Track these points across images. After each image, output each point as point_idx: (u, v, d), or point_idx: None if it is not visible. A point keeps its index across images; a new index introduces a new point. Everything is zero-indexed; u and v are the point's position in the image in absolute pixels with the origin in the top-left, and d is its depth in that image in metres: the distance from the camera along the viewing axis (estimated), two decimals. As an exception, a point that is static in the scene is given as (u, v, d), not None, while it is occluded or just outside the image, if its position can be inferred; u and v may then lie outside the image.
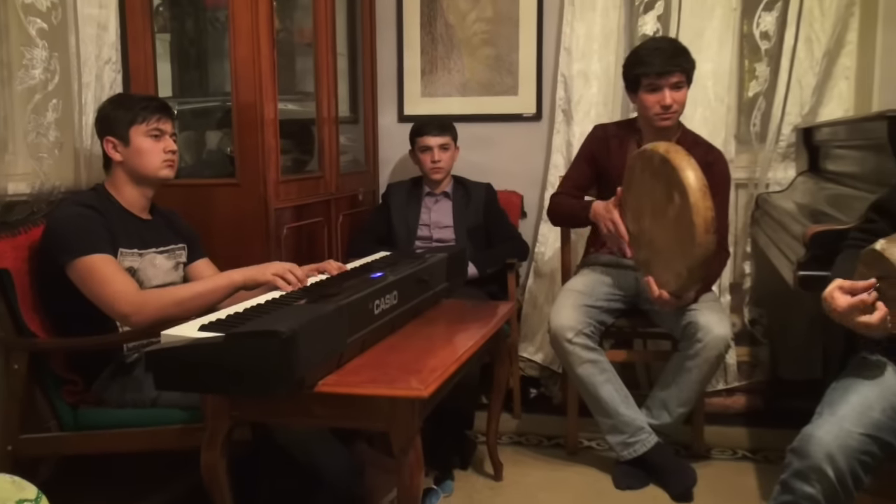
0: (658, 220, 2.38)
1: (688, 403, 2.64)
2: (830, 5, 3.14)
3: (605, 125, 2.95)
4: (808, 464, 1.50)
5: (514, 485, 2.60)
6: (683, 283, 2.34)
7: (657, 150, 2.33)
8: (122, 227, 2.18)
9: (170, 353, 1.68)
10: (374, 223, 3.30)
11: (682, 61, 2.64)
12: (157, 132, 2.21)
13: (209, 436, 1.85)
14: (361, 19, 3.49)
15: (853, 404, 1.56)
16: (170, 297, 2.09)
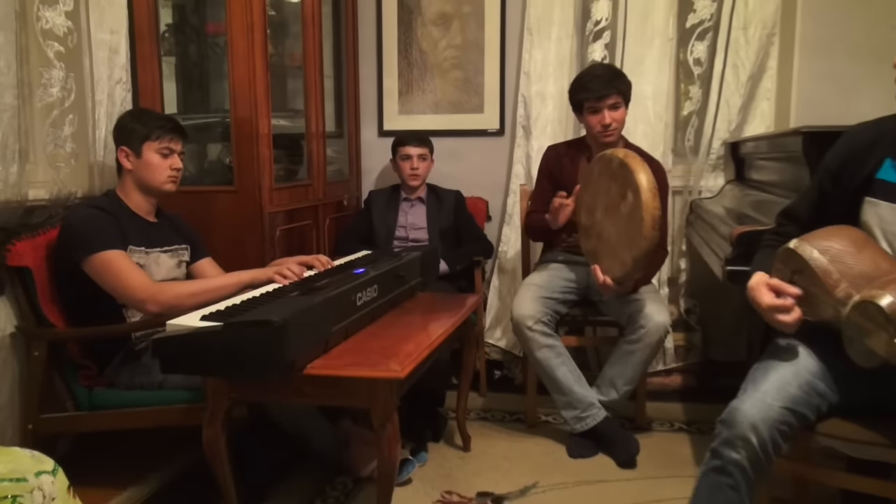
0: (610, 216, 2.39)
1: (632, 382, 2.65)
2: (753, 35, 3.16)
3: (557, 145, 2.95)
4: (735, 433, 1.50)
5: (481, 455, 2.59)
6: (627, 271, 2.34)
7: (616, 155, 2.35)
8: (131, 228, 2.17)
9: (174, 341, 1.66)
10: (357, 225, 3.28)
11: (618, 84, 2.65)
12: (168, 150, 2.21)
13: (210, 414, 1.83)
14: (346, 45, 3.47)
15: (773, 381, 1.56)
16: (185, 289, 2.10)
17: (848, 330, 1.45)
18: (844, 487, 1.96)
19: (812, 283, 1.52)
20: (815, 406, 1.58)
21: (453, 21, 3.50)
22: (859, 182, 1.58)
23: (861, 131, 1.64)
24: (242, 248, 2.61)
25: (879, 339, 1.37)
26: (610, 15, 3.30)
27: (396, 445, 1.79)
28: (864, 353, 1.43)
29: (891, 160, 1.55)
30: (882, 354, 1.38)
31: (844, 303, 1.45)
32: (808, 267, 1.52)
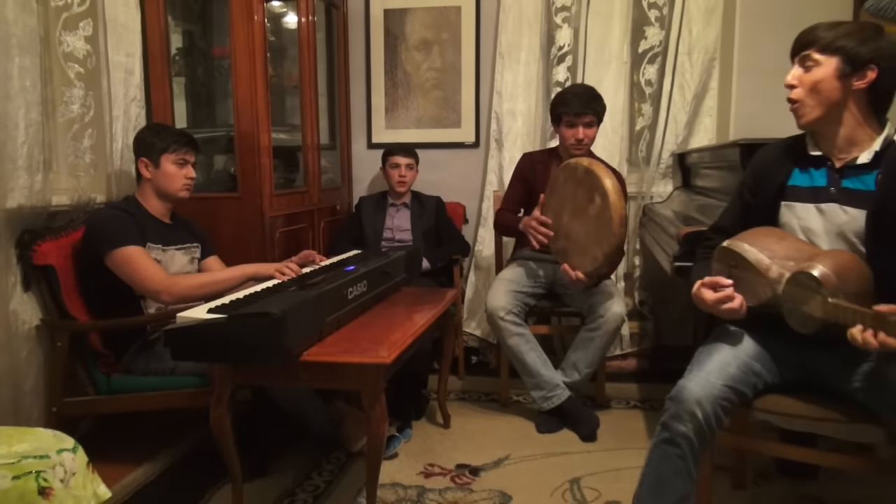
0: (577, 218, 2.40)
1: (592, 365, 2.65)
2: (697, 60, 3.18)
3: (532, 153, 2.96)
4: (682, 408, 1.51)
5: (460, 430, 2.59)
6: (598, 266, 2.36)
7: (581, 164, 2.38)
8: (149, 228, 2.17)
9: (184, 331, 1.65)
10: (349, 228, 3.26)
11: (595, 105, 2.66)
12: (183, 161, 2.22)
13: (216, 397, 1.82)
14: (338, 67, 3.45)
15: (716, 362, 1.58)
16: (195, 281, 2.11)
17: (787, 303, 1.47)
18: (778, 456, 1.99)
19: (748, 272, 1.55)
20: (752, 384, 1.60)
21: (433, 46, 3.49)
22: (775, 190, 1.65)
23: (770, 150, 1.73)
24: (246, 248, 2.59)
25: (815, 303, 1.40)
26: (572, 41, 3.31)
27: (384, 423, 1.78)
28: (803, 321, 1.45)
29: (798, 170, 1.64)
30: (819, 316, 1.40)
31: (779, 281, 1.49)
32: (743, 258, 1.56)
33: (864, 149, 1.55)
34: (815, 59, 1.54)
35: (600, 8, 3.23)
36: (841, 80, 1.52)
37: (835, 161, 1.59)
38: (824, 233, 1.57)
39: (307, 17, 2.98)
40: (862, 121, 1.55)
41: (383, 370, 1.74)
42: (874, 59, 1.50)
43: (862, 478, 2.02)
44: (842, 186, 1.57)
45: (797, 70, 1.58)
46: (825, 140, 1.60)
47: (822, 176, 1.60)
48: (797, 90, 1.57)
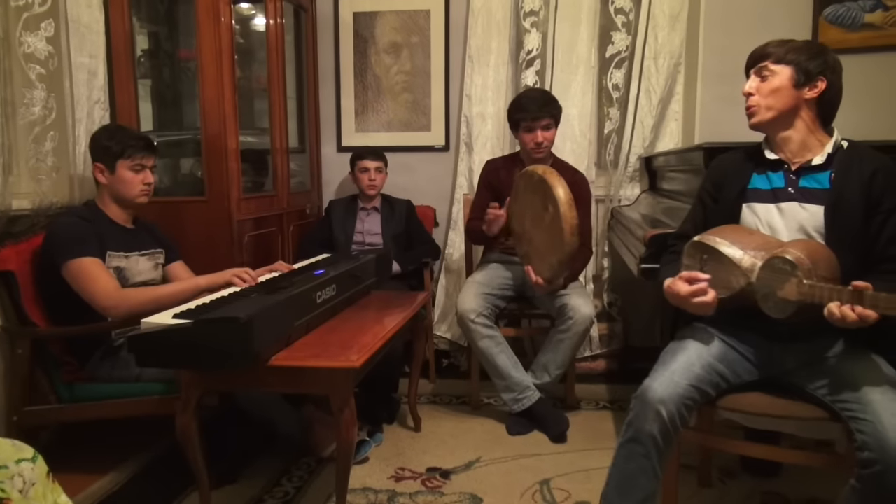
0: (536, 224, 2.42)
1: (562, 367, 2.67)
2: (663, 65, 3.23)
3: (495, 159, 2.97)
4: (647, 407, 1.54)
5: (431, 434, 2.59)
6: (555, 272, 2.39)
7: (536, 172, 2.38)
8: (110, 235, 2.11)
9: (149, 337, 1.63)
10: (319, 232, 3.24)
11: (551, 108, 2.69)
12: (140, 167, 2.14)
13: (183, 403, 1.79)
14: (307, 70, 3.43)
15: (680, 362, 1.61)
16: (146, 296, 2.03)
17: (762, 289, 1.52)
18: (743, 454, 2.03)
19: (720, 264, 1.60)
20: (716, 384, 1.63)
21: (403, 50, 3.49)
22: (736, 193, 1.72)
23: (728, 157, 1.83)
24: (213, 253, 2.56)
25: (790, 286, 1.44)
26: (540, 46, 3.34)
27: (353, 428, 1.78)
28: (779, 305, 1.49)
29: (756, 174, 1.72)
30: (794, 299, 1.44)
31: (752, 270, 1.53)
32: (715, 250, 1.61)
33: (817, 153, 1.65)
34: (771, 69, 1.66)
35: (568, 13, 3.26)
36: (795, 88, 1.64)
37: (791, 164, 1.68)
38: (786, 229, 1.63)
39: (275, 20, 2.96)
40: (813, 127, 1.66)
41: (353, 374, 1.73)
42: (823, 72, 1.63)
43: (823, 474, 2.06)
44: (799, 186, 1.65)
45: (754, 81, 1.70)
46: (781, 146, 1.70)
47: (779, 178, 1.69)
48: (755, 97, 1.68)
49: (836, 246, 1.53)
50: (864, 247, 1.57)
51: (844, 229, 1.56)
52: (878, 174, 1.58)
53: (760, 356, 1.68)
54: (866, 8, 3.04)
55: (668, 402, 1.53)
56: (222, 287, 2.06)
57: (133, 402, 2.03)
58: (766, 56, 1.67)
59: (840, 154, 1.64)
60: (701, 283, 1.58)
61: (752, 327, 1.67)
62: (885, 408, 1.40)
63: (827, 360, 1.61)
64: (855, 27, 3.06)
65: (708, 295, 1.58)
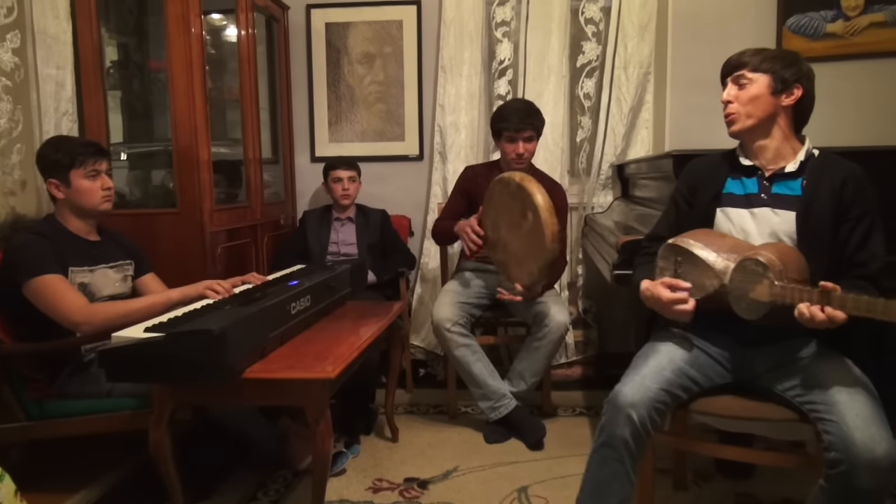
0: (513, 231, 2.43)
1: (539, 374, 2.69)
2: (633, 74, 3.28)
3: (474, 166, 2.98)
4: (618, 412, 1.56)
5: (409, 444, 2.58)
6: (534, 279, 2.39)
7: (513, 179, 2.38)
8: (72, 249, 2.05)
9: (120, 351, 1.60)
10: (293, 242, 3.23)
11: (534, 120, 2.70)
12: (95, 172, 2.06)
13: (155, 418, 1.77)
14: (279, 81, 3.42)
15: (651, 367, 1.63)
16: (116, 310, 1.98)
17: (734, 291, 1.54)
18: (717, 456, 2.05)
19: (694, 266, 1.62)
20: (687, 387, 1.65)
21: (376, 60, 3.50)
22: (710, 198, 1.75)
23: (702, 162, 1.86)
24: (186, 265, 2.53)
25: (762, 287, 1.47)
26: (512, 55, 3.38)
27: (329, 440, 1.77)
28: (751, 307, 1.52)
29: (730, 179, 1.76)
30: (766, 300, 1.47)
31: (725, 272, 1.56)
32: (689, 252, 1.63)
33: (790, 160, 1.69)
34: (748, 77, 1.69)
35: (539, 23, 3.30)
36: (773, 96, 1.67)
37: (765, 171, 1.71)
38: (758, 234, 1.67)
39: (247, 31, 2.95)
40: (788, 135, 1.70)
41: (328, 385, 1.73)
42: (799, 80, 1.67)
43: (795, 474, 2.10)
44: (772, 192, 1.69)
45: (732, 89, 1.72)
46: (756, 153, 1.73)
47: (753, 184, 1.72)
48: (734, 105, 1.71)
49: (808, 251, 1.56)
50: (835, 253, 1.61)
51: (815, 235, 1.60)
52: (849, 182, 1.62)
53: (732, 359, 1.71)
54: (828, 18, 3.13)
55: (638, 406, 1.54)
56: (196, 300, 2.04)
57: (104, 418, 1.99)
58: (742, 65, 1.70)
59: (812, 162, 1.68)
60: (682, 292, 1.60)
61: (724, 331, 1.70)
62: (850, 408, 1.43)
63: (796, 362, 1.64)
64: (817, 37, 3.14)
65: (689, 304, 1.60)
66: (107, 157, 2.14)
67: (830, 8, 3.12)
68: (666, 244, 1.71)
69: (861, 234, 1.60)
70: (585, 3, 3.35)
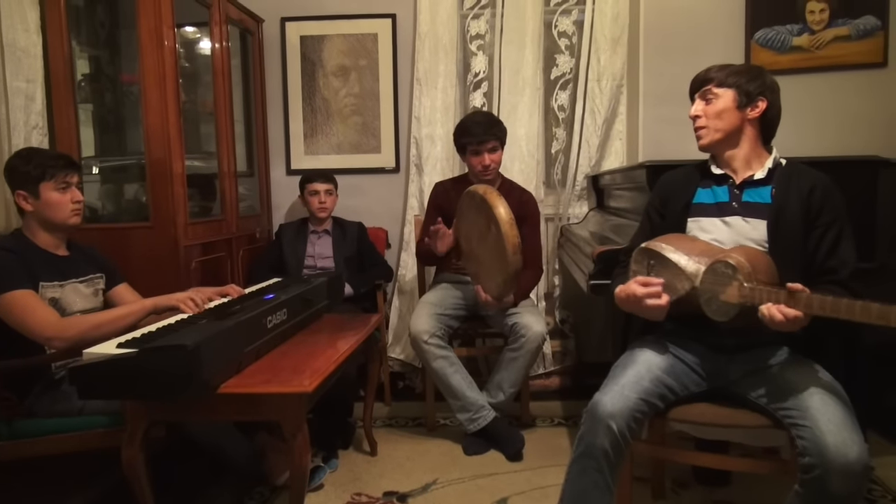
0: (482, 243, 2.46)
1: (516, 384, 2.69)
2: (606, 86, 3.32)
3: (444, 182, 3.01)
4: (597, 422, 1.56)
5: (387, 457, 2.57)
6: (501, 290, 2.43)
7: (477, 192, 2.43)
8: (41, 264, 2.00)
9: (92, 368, 1.57)
10: (269, 256, 3.20)
11: (496, 131, 2.74)
12: (65, 185, 2.02)
13: (129, 436, 1.74)
14: (254, 93, 3.41)
15: (630, 376, 1.65)
16: (89, 323, 1.94)
17: (705, 293, 1.56)
18: (693, 463, 2.07)
19: (666, 269, 1.64)
20: (664, 396, 1.67)
21: (351, 72, 3.51)
22: (681, 208, 1.79)
23: (673, 174, 1.90)
24: (160, 280, 2.49)
25: (732, 289, 1.49)
26: (487, 68, 3.40)
27: (307, 454, 1.75)
28: (721, 309, 1.54)
29: (701, 189, 1.80)
30: (736, 302, 1.49)
31: (696, 274, 1.59)
32: (661, 256, 1.66)
33: (759, 168, 1.74)
34: (714, 92, 1.74)
35: (513, 37, 3.33)
36: (738, 109, 1.72)
37: (735, 179, 1.75)
38: (730, 242, 1.70)
39: (221, 43, 2.94)
40: (756, 145, 1.76)
41: (305, 399, 1.71)
42: (763, 93, 1.73)
43: (771, 481, 2.12)
44: (742, 200, 1.73)
45: (700, 104, 1.78)
46: (726, 162, 1.77)
47: (724, 192, 1.76)
48: (702, 119, 1.76)
49: (780, 259, 1.59)
50: (806, 259, 1.65)
51: (787, 243, 1.64)
52: (816, 190, 1.66)
53: (707, 367, 1.73)
54: (794, 32, 3.21)
55: (618, 416, 1.55)
56: (170, 310, 2.00)
57: (76, 437, 1.94)
58: (708, 80, 1.75)
59: (779, 170, 1.73)
60: (655, 286, 1.62)
61: (698, 339, 1.72)
62: (823, 413, 1.45)
63: (769, 369, 1.66)
64: (784, 50, 3.22)
65: (662, 298, 1.62)
66: (77, 170, 2.10)
67: (796, 22, 3.20)
68: (639, 248, 1.73)
69: (831, 240, 1.64)
70: (558, 16, 3.39)
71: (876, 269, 2.03)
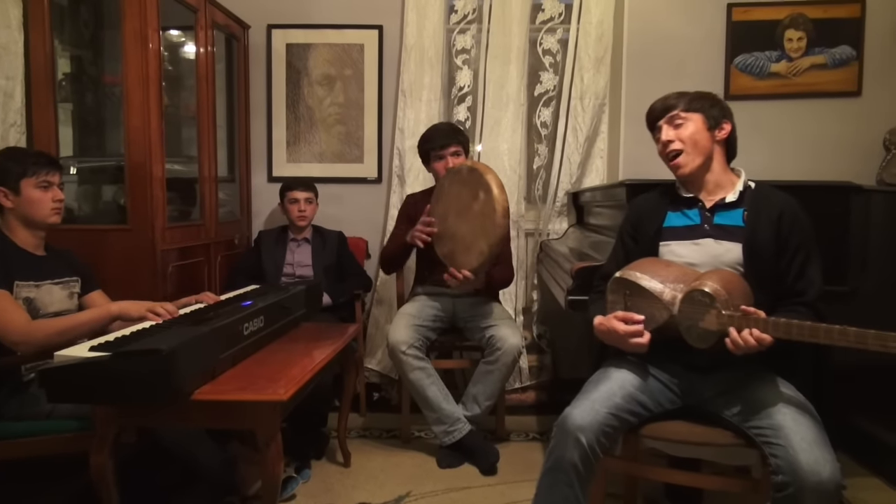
0: (462, 216, 2.50)
1: (492, 398, 2.68)
2: (588, 105, 3.36)
3: (413, 194, 3.04)
4: (567, 436, 1.58)
5: (360, 469, 2.55)
6: (483, 260, 2.42)
7: (465, 165, 2.53)
8: (18, 263, 1.98)
9: (62, 371, 1.54)
10: (247, 263, 3.17)
11: (458, 136, 2.80)
12: (46, 184, 2.02)
13: (98, 441, 1.71)
14: (238, 99, 3.39)
15: (602, 391, 1.66)
16: (54, 327, 1.91)
17: (684, 321, 1.57)
18: (665, 481, 2.07)
19: (643, 298, 1.65)
20: (636, 412, 1.68)
21: (336, 82, 3.51)
22: (653, 233, 1.81)
23: (644, 199, 1.92)
24: (136, 284, 2.47)
25: (710, 317, 1.51)
26: (471, 82, 3.42)
27: (279, 464, 1.73)
28: (701, 336, 1.55)
29: (671, 212, 1.82)
30: (715, 329, 1.51)
31: (673, 302, 1.59)
32: (637, 285, 1.66)
33: (729, 191, 1.77)
34: (682, 116, 1.77)
35: (498, 52, 3.36)
36: (709, 131, 1.76)
37: (705, 202, 1.77)
38: (704, 264, 1.71)
39: (206, 48, 2.93)
40: (724, 167, 1.79)
41: (279, 408, 1.69)
42: (725, 116, 1.78)
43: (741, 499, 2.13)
44: (714, 223, 1.74)
45: (669, 130, 1.78)
46: (696, 186, 1.80)
47: (695, 215, 1.78)
48: (676, 143, 1.76)
49: (754, 281, 1.61)
50: (778, 282, 1.67)
51: (761, 265, 1.66)
52: (785, 214, 1.69)
53: (681, 385, 1.74)
54: (772, 58, 3.28)
55: (587, 429, 1.56)
56: (136, 319, 1.97)
57: (43, 441, 1.90)
58: (673, 107, 1.78)
59: (749, 193, 1.76)
60: (637, 325, 1.62)
61: (673, 357, 1.73)
62: (796, 432, 1.47)
63: (742, 388, 1.68)
64: (763, 76, 3.29)
65: (644, 336, 1.63)
66: (59, 170, 2.09)
67: (775, 49, 3.27)
68: (613, 278, 1.73)
69: (799, 263, 1.67)
70: (544, 34, 3.42)
71: (848, 292, 2.06)
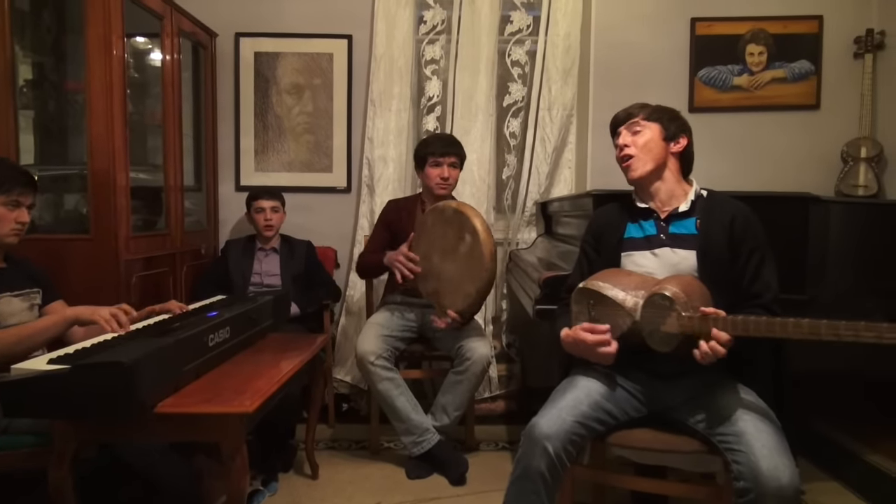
0: (447, 258, 2.48)
1: (461, 408, 2.68)
2: (556, 115, 3.40)
3: (396, 200, 3.02)
4: (534, 444, 1.59)
5: (329, 481, 2.52)
6: (471, 302, 2.43)
7: (449, 206, 2.48)
8: None
9: (19, 384, 1.50)
10: (214, 272, 3.13)
11: (458, 149, 2.80)
12: (16, 203, 1.96)
13: (57, 456, 1.66)
14: (205, 108, 3.36)
15: (568, 400, 1.67)
16: (10, 337, 1.84)
17: (646, 326, 1.59)
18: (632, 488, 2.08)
19: (606, 307, 1.67)
20: (603, 421, 1.69)
21: (305, 91, 3.49)
22: (614, 244, 1.85)
23: (604, 211, 1.97)
24: (98, 294, 2.40)
25: (671, 320, 1.53)
26: (441, 92, 3.44)
27: (245, 477, 1.70)
28: (664, 340, 1.57)
29: (630, 224, 1.86)
30: (676, 332, 1.53)
31: (635, 308, 1.62)
32: (599, 295, 1.68)
33: (682, 200, 1.82)
34: (642, 124, 1.83)
35: (467, 63, 3.38)
36: (664, 142, 1.82)
37: (660, 213, 1.82)
38: (663, 273, 1.74)
39: (172, 56, 2.89)
40: (678, 178, 1.84)
41: (245, 420, 1.66)
42: (683, 131, 1.84)
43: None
44: (669, 232, 1.79)
45: (627, 136, 1.85)
46: (651, 196, 1.84)
47: (651, 226, 1.83)
48: (630, 149, 1.83)
49: (711, 288, 1.64)
50: (734, 286, 1.71)
51: (715, 270, 1.70)
52: (737, 219, 1.74)
53: (647, 393, 1.77)
54: (735, 72, 3.36)
55: (553, 438, 1.57)
56: (90, 322, 1.92)
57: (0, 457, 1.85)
58: (634, 115, 1.85)
59: (701, 201, 1.81)
60: (604, 335, 1.64)
61: (638, 365, 1.76)
62: (757, 439, 1.50)
63: (706, 395, 1.71)
64: (725, 88, 3.36)
65: (612, 346, 1.64)
66: (34, 192, 2.02)
67: (737, 63, 3.36)
68: (577, 289, 1.76)
69: (754, 266, 1.71)
70: (512, 46, 3.46)
71: (807, 300, 2.11)
